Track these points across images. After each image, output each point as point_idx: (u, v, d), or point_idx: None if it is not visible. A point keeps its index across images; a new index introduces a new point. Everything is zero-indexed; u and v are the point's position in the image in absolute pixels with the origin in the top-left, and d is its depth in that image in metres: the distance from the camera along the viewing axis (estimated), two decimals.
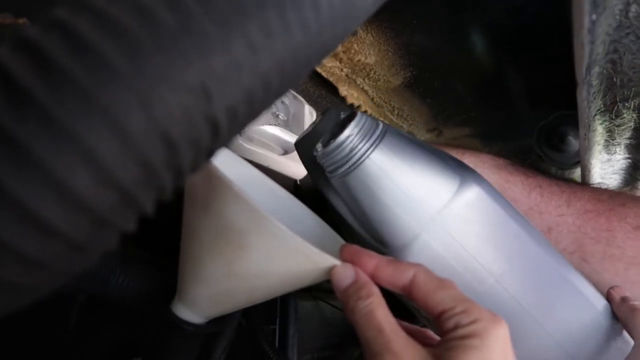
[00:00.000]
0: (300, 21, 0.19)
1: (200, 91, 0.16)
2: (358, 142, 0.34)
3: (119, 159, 0.14)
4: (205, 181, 0.30)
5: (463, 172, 0.35)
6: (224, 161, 0.42)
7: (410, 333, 0.32)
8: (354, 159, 0.34)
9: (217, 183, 0.29)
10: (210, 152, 0.18)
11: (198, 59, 0.16)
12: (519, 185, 0.48)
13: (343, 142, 0.34)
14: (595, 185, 0.56)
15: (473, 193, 0.35)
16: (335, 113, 0.44)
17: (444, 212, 0.34)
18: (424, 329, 0.33)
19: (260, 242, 0.29)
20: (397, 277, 0.29)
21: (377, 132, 0.35)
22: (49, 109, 0.13)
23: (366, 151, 0.34)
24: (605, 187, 0.57)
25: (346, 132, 0.34)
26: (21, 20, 0.30)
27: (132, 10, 0.15)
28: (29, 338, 0.37)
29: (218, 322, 0.37)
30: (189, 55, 0.15)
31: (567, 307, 0.35)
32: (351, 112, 0.36)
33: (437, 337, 0.32)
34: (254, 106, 0.19)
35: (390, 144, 0.35)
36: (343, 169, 0.35)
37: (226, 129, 0.18)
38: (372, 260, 0.30)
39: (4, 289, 0.14)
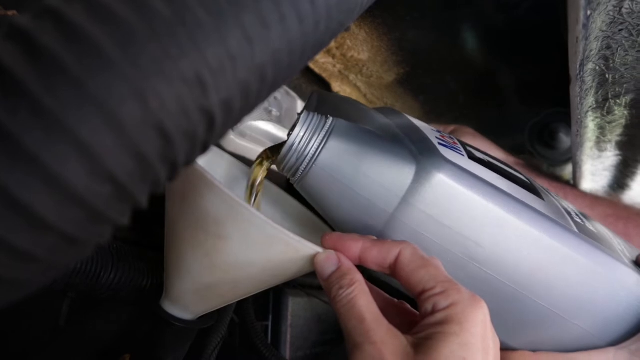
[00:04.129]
0: (296, 13, 0.19)
1: (195, 83, 0.15)
2: (304, 146, 0.33)
3: (113, 150, 0.14)
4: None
5: (422, 159, 0.33)
6: (211, 157, 0.42)
7: (388, 305, 0.32)
8: (304, 165, 0.33)
9: (191, 173, 0.28)
10: (206, 146, 0.18)
11: (193, 50, 0.15)
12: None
13: (289, 149, 0.33)
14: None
15: (432, 182, 0.32)
16: (316, 98, 0.43)
17: (402, 207, 0.32)
18: (400, 302, 0.32)
19: (237, 230, 0.29)
20: (382, 257, 0.29)
21: (323, 133, 0.33)
22: (41, 99, 0.13)
23: (313, 155, 0.33)
24: (596, 183, 0.58)
25: (290, 139, 0.33)
26: (10, 12, 0.29)
27: None
28: (19, 334, 0.37)
29: (208, 318, 0.37)
30: (183, 45, 0.15)
31: (567, 277, 0.33)
32: (301, 112, 0.35)
33: (415, 311, 0.31)
34: (250, 99, 0.18)
35: (337, 143, 0.33)
36: (297, 175, 0.34)
37: (221, 121, 0.17)
38: (357, 244, 0.30)
39: None
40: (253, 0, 0.17)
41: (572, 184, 0.55)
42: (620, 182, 0.56)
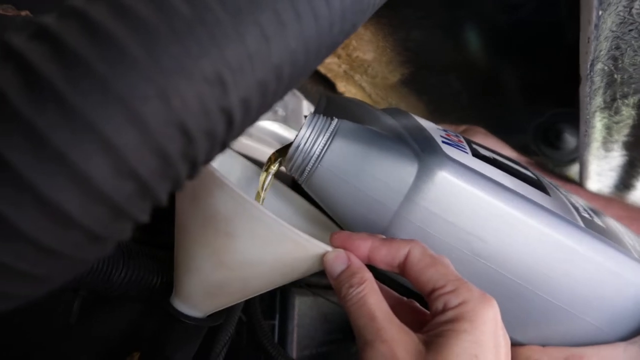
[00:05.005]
0: (312, 12, 0.19)
1: (215, 82, 0.16)
2: (309, 147, 0.34)
3: (137, 148, 0.14)
4: None
5: (424, 157, 0.33)
6: (224, 158, 0.42)
7: (398, 304, 0.32)
8: (310, 165, 0.34)
9: (201, 172, 0.28)
10: (224, 144, 0.18)
11: (213, 49, 0.16)
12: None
13: (295, 150, 0.34)
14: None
15: (434, 180, 0.32)
16: (325, 101, 0.44)
17: (405, 205, 0.33)
18: (410, 300, 0.32)
19: (245, 229, 0.29)
20: (391, 256, 0.29)
21: (327, 134, 0.34)
22: (68, 98, 0.13)
23: (318, 156, 0.34)
24: (602, 183, 0.58)
25: (296, 141, 0.34)
26: (23, 12, 0.29)
27: None
28: (31, 332, 0.37)
29: (217, 316, 0.37)
30: (204, 45, 0.15)
31: (573, 272, 0.33)
32: (309, 114, 0.36)
33: (425, 310, 0.31)
34: (267, 98, 0.19)
35: (341, 143, 0.34)
36: (304, 175, 0.35)
37: (240, 121, 0.18)
38: (365, 242, 0.30)
39: (20, 280, 0.14)
40: (271, 0, 0.17)
41: (581, 186, 0.55)
42: (626, 182, 0.56)
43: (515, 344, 0.36)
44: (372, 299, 0.27)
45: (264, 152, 0.58)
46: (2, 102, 0.13)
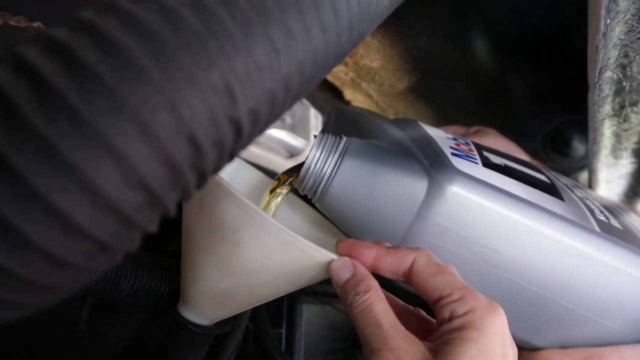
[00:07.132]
0: (320, 23, 0.19)
1: (224, 92, 0.16)
2: (320, 168, 0.34)
3: (147, 159, 0.14)
4: None
5: (433, 172, 0.33)
6: (234, 167, 0.43)
7: (404, 312, 0.32)
8: (322, 186, 0.34)
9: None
10: (233, 154, 0.18)
11: (222, 60, 0.16)
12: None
13: (306, 172, 0.35)
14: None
15: (445, 195, 0.32)
16: (334, 115, 0.45)
17: (418, 220, 0.33)
18: (416, 309, 0.32)
19: (253, 237, 0.29)
20: (397, 264, 0.29)
21: (337, 155, 0.35)
22: (79, 110, 0.13)
23: (329, 176, 0.34)
24: (611, 191, 0.58)
25: (307, 163, 0.35)
26: (35, 24, 0.30)
27: (158, 11, 0.15)
28: (39, 338, 0.37)
29: (224, 324, 0.37)
30: (213, 56, 0.16)
31: (590, 277, 0.33)
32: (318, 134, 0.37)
33: (431, 319, 0.31)
34: (275, 108, 0.19)
35: (351, 163, 0.34)
36: (317, 195, 0.35)
37: (248, 130, 0.18)
38: (370, 251, 0.30)
39: (29, 289, 0.14)
40: (279, 12, 0.17)
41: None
42: (635, 189, 0.56)
43: (533, 349, 0.36)
44: (378, 306, 0.27)
45: (272, 160, 0.58)
46: (14, 113, 0.13)
